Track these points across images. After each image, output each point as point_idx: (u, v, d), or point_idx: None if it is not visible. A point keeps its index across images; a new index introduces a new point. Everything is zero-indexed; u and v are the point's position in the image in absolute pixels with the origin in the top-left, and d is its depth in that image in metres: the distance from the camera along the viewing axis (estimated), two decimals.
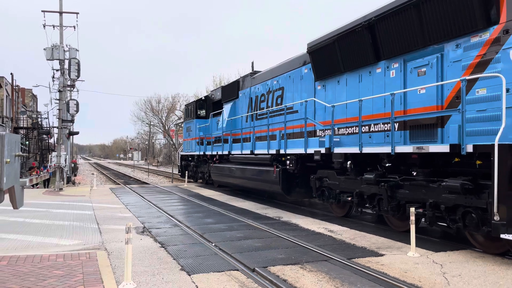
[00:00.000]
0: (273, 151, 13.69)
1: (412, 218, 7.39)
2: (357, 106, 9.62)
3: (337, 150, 10.40)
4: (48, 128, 41.59)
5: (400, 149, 8.38)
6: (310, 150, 11.47)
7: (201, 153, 21.69)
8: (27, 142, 38.70)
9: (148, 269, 6.52)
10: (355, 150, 9.64)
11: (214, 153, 19.57)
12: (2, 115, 36.19)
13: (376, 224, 10.44)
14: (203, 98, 23.60)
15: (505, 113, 6.48)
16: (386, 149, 8.65)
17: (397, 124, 8.97)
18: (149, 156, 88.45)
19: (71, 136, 35.71)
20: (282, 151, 13.16)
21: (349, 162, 9.88)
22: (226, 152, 17.90)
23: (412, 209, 7.48)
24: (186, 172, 24.72)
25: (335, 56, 10.94)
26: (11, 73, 41.15)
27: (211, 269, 6.52)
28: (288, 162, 12.84)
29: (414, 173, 8.55)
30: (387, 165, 8.88)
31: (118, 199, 16.53)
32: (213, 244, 8.21)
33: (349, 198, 10.32)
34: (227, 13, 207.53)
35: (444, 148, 7.33)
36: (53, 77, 27.02)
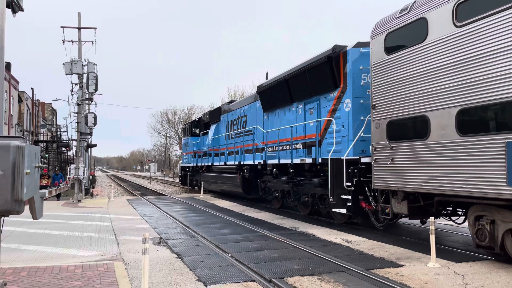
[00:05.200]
0: (237, 163, 18.70)
1: (432, 227, 7.40)
2: (281, 132, 14.64)
3: (269, 161, 15.38)
4: (67, 141, 41.53)
5: (295, 160, 13.31)
6: (256, 162, 16.46)
7: (195, 164, 26.88)
8: (46, 155, 38.81)
9: (165, 280, 6.54)
10: (276, 161, 14.59)
11: (203, 164, 24.74)
12: (22, 128, 36.68)
13: (385, 233, 10.70)
14: (197, 119, 28.83)
15: (335, 140, 11.40)
16: (288, 161, 13.59)
17: (302, 144, 13.87)
18: (166, 167, 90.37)
19: (89, 149, 35.82)
20: (242, 162, 18.15)
21: (274, 170, 14.83)
22: (210, 164, 23.04)
23: (432, 219, 7.53)
24: (202, 183, 26.03)
25: (271, 97, 15.94)
26: (32, 88, 42.22)
27: (227, 280, 6.47)
28: (246, 170, 17.81)
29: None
30: (291, 171, 13.78)
31: (135, 210, 16.93)
32: (229, 255, 8.28)
33: (277, 194, 15.23)
34: (242, 25, 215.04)
35: (310, 160, 12.25)
36: (72, 91, 27.66)
